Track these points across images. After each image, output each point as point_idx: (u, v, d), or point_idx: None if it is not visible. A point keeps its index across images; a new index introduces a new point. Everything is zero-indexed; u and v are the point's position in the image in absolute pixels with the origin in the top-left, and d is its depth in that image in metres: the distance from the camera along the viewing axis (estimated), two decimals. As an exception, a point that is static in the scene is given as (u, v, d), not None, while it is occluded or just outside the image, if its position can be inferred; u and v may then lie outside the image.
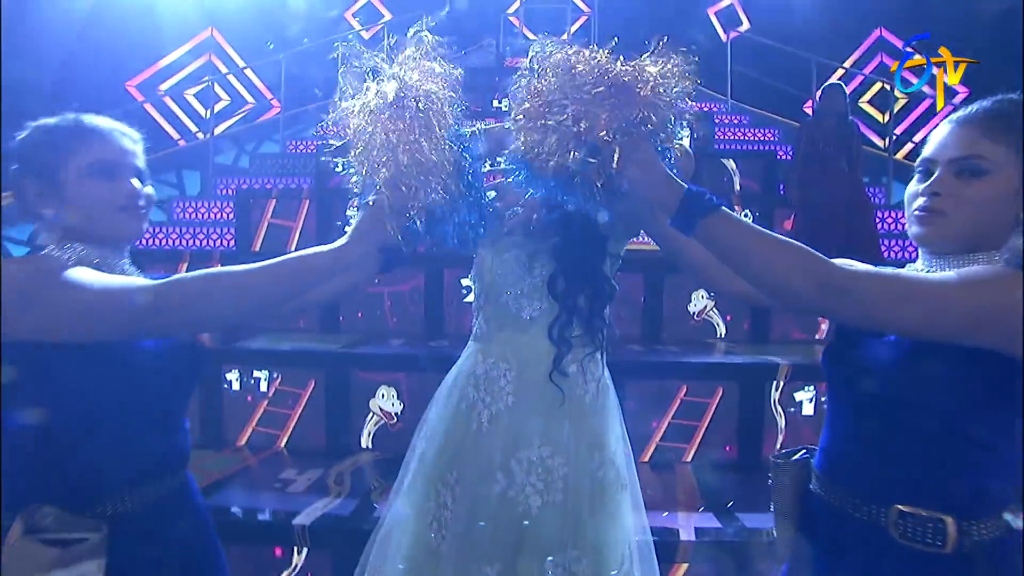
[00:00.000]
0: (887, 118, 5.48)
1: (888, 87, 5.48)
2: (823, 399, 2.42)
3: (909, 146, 5.60)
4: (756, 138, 5.41)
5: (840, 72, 6.07)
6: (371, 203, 0.90)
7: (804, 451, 1.00)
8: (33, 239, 1.00)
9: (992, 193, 0.80)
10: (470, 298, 3.10)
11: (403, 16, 7.11)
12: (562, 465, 1.11)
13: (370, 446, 2.51)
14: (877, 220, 3.86)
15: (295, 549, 1.86)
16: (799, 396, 2.45)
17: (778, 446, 2.45)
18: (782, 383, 2.44)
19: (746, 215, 3.70)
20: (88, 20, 6.29)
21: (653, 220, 1.02)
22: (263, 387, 2.56)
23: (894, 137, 5.17)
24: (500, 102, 5.65)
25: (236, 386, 2.56)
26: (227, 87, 6.84)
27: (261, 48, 6.35)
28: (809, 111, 5.55)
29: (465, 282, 3.11)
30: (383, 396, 2.51)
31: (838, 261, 0.82)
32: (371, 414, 2.53)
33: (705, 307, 3.08)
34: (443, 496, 1.15)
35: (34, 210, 0.90)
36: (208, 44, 6.98)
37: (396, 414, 2.51)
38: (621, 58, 0.88)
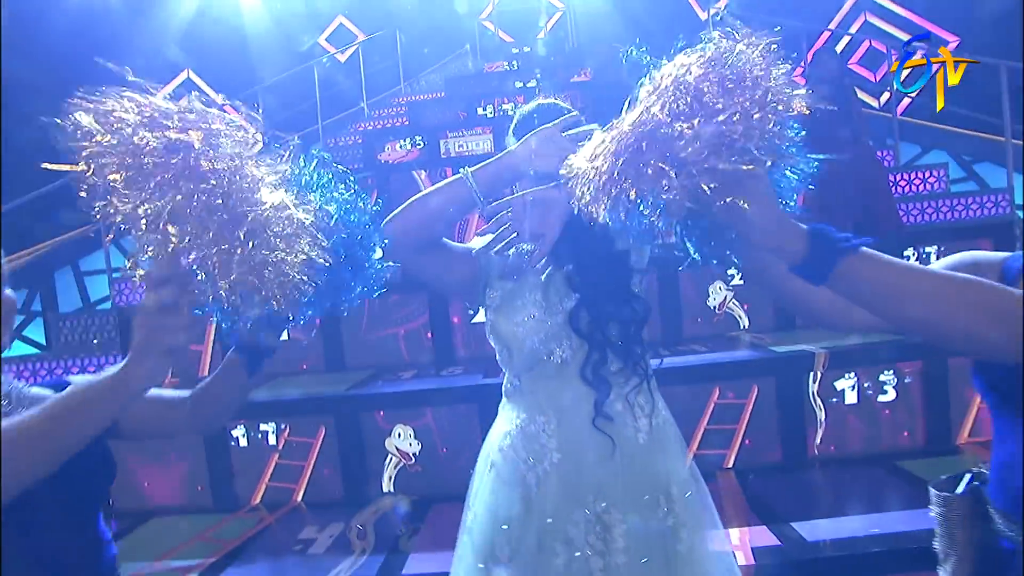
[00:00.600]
0: (880, 76, 5.33)
1: (876, 45, 5.34)
2: (866, 385, 2.29)
3: (906, 101, 5.44)
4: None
5: (826, 35, 5.94)
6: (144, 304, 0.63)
7: (969, 476, 0.82)
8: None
9: None
10: (479, 318, 2.99)
11: (375, 33, 7.03)
12: (620, 522, 0.99)
13: (391, 490, 2.39)
14: (891, 185, 3.72)
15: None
16: (840, 385, 2.31)
17: (818, 440, 2.31)
18: (820, 373, 2.30)
19: (754, 196, 3.56)
20: (65, 80, 6.24)
21: (763, 265, 0.82)
22: (272, 440, 2.45)
23: (890, 95, 5.01)
24: (484, 109, 5.57)
25: (244, 442, 2.45)
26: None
27: (241, 85, 6.26)
28: (801, 81, 5.40)
29: (471, 302, 2.99)
30: (399, 436, 2.38)
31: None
32: (388, 456, 2.40)
33: (725, 299, 2.94)
34: None
35: None
36: (187, 86, 6.91)
37: (415, 454, 2.38)
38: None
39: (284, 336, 0.99)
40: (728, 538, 1.76)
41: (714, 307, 2.94)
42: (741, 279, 2.91)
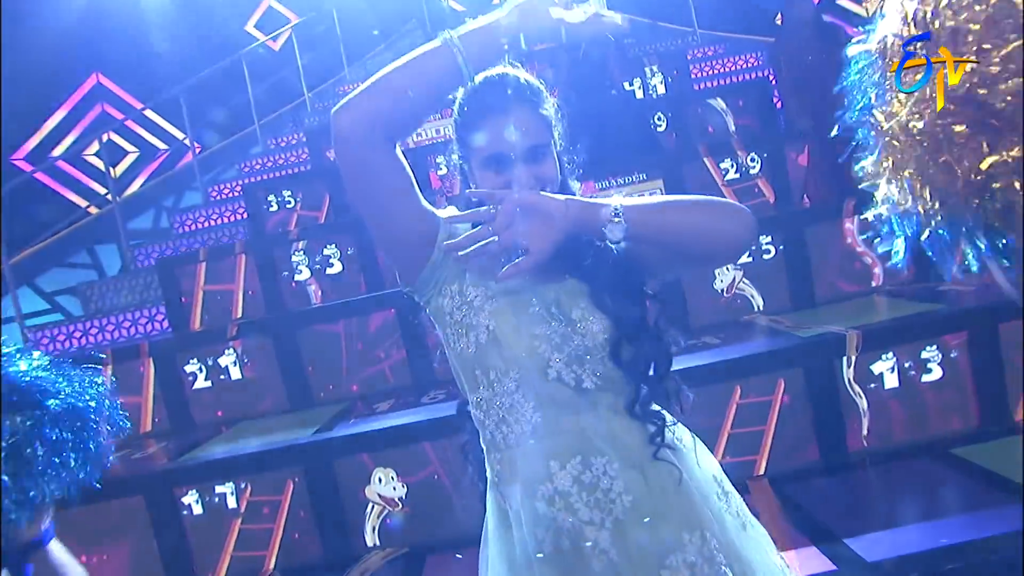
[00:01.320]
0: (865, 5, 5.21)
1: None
2: (907, 365, 2.15)
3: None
4: (739, 67, 5.09)
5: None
6: None
7: None
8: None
9: None
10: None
11: (309, 15, 6.71)
12: (719, 549, 0.90)
13: (377, 543, 2.20)
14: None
15: None
16: (878, 368, 2.16)
17: (865, 432, 2.17)
18: (854, 356, 2.15)
19: (752, 160, 3.41)
20: None
21: None
22: (231, 503, 2.24)
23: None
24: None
25: (198, 509, 2.23)
26: (131, 137, 6.42)
27: (159, 85, 5.93)
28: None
29: (447, 314, 2.79)
30: (380, 480, 2.19)
31: None
32: (370, 504, 2.21)
33: (733, 280, 2.78)
34: None
35: None
36: (97, 93, 6.55)
37: (400, 499, 2.19)
38: None
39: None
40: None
41: (722, 290, 2.78)
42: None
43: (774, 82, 4.00)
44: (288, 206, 3.93)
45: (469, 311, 0.93)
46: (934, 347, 2.15)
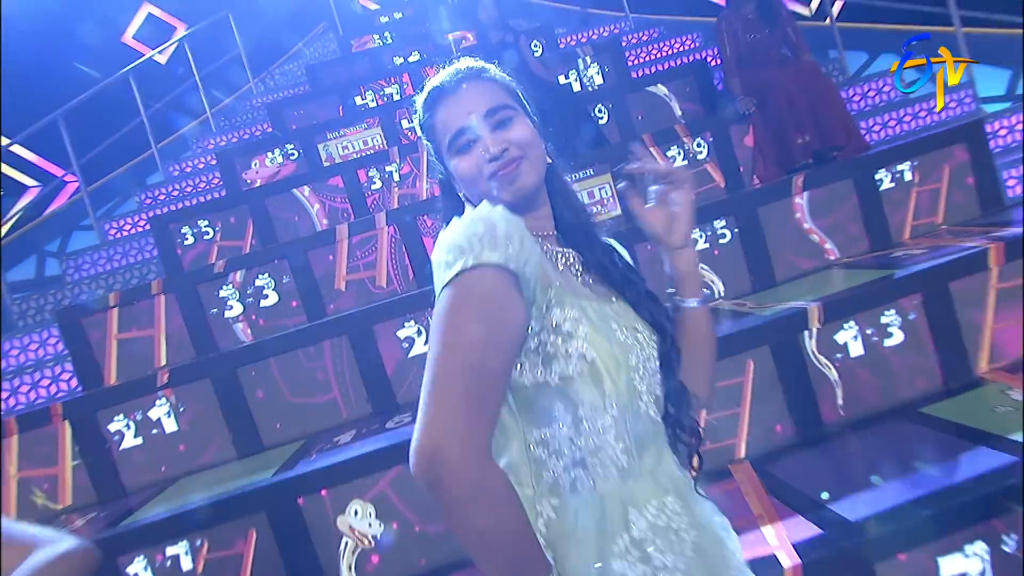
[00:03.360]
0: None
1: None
2: (870, 332, 2.48)
3: (840, 4, 5.88)
4: (676, 50, 5.54)
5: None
6: None
7: None
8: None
9: None
10: (416, 351, 2.97)
11: (198, 25, 6.78)
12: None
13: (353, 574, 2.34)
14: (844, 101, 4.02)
15: None
16: (841, 338, 2.48)
17: (840, 402, 2.48)
18: (816, 328, 2.47)
19: (699, 145, 3.76)
20: None
21: None
22: (186, 565, 2.32)
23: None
24: (364, 97, 5.52)
25: (148, 576, 2.31)
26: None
27: (29, 111, 5.83)
28: (722, 2, 5.75)
29: (403, 334, 2.97)
30: (356, 513, 2.34)
31: None
32: (344, 539, 2.35)
33: (695, 267, 3.08)
34: None
35: None
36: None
37: (375, 536, 2.34)
38: None
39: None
40: (764, 538, 1.87)
41: (686, 279, 3.07)
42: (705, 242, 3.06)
43: (715, 63, 4.40)
44: (206, 237, 4.02)
45: (556, 337, 0.89)
46: (892, 311, 2.49)
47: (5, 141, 5.95)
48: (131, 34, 7.22)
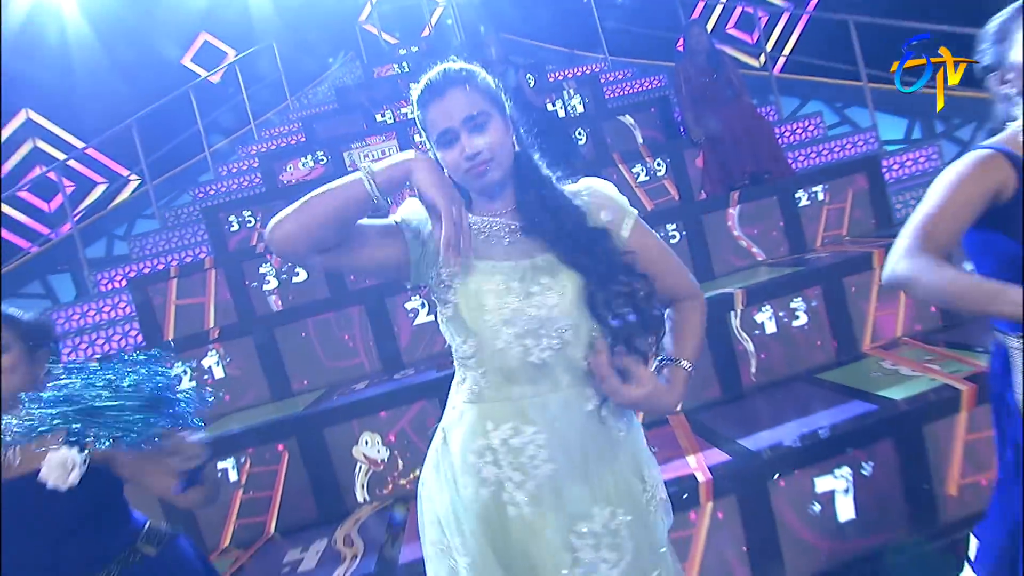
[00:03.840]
0: (756, 38, 6.03)
1: (749, 10, 6.04)
2: (781, 314, 2.72)
3: (782, 60, 6.17)
4: (644, 88, 5.79)
5: (701, 4, 6.62)
6: None
7: None
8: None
9: None
10: (420, 320, 3.19)
11: (246, 50, 6.97)
12: (625, 525, 1.03)
13: (367, 498, 2.54)
14: (777, 136, 4.28)
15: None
16: (759, 318, 2.72)
17: (753, 370, 2.72)
18: (740, 309, 2.70)
19: (659, 165, 4.00)
20: None
21: None
22: (232, 476, 2.52)
23: (766, 57, 5.70)
24: (383, 115, 5.70)
25: (203, 484, 2.50)
26: (66, 172, 6.43)
27: (91, 120, 6.00)
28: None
29: (410, 305, 3.18)
30: (367, 443, 2.54)
31: None
32: (358, 464, 2.55)
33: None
34: None
35: None
36: (28, 129, 6.53)
37: (383, 460, 2.55)
38: None
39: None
40: (687, 464, 2.09)
41: (640, 270, 3.31)
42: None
43: (674, 99, 4.65)
44: (248, 225, 4.21)
45: (442, 289, 1.05)
46: (799, 299, 2.74)
47: (81, 144, 6.14)
48: (188, 57, 7.40)
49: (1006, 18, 1.05)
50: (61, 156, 6.09)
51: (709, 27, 6.76)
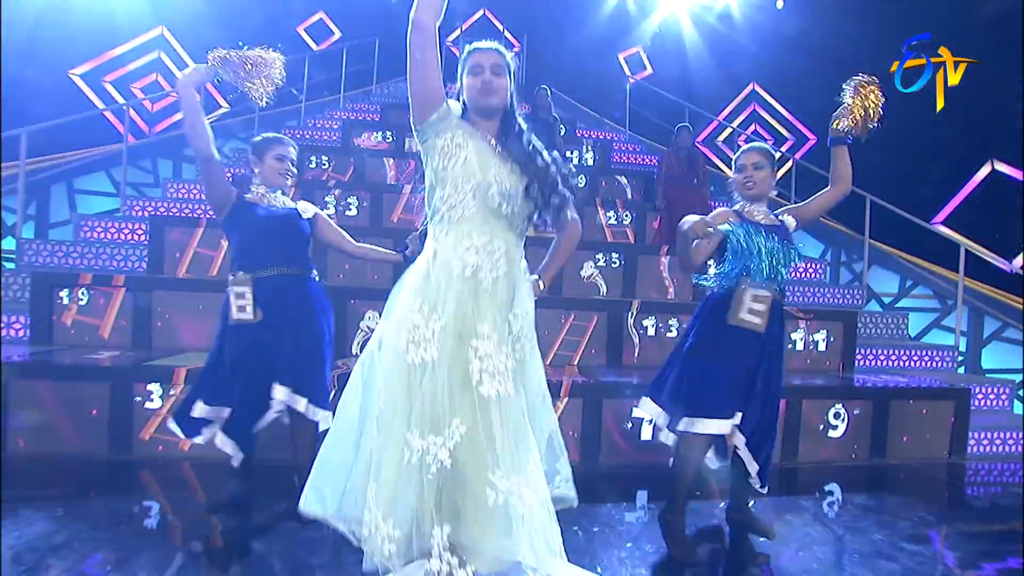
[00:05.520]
0: (735, 154, 7.41)
1: (734, 129, 7.44)
2: (660, 326, 3.97)
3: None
4: (643, 162, 7.18)
5: (715, 123, 8.06)
6: None
7: None
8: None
9: None
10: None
11: (352, 37, 8.39)
12: (526, 327, 1.69)
13: (358, 352, 3.73)
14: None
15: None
16: (646, 323, 3.97)
17: (635, 356, 3.94)
18: (635, 313, 3.95)
19: (626, 215, 5.31)
20: (40, 15, 7.07)
21: None
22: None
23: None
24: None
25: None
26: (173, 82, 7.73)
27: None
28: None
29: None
30: (370, 318, 3.77)
31: None
32: (359, 331, 3.77)
33: (592, 273, 4.57)
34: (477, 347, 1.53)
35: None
36: (158, 42, 7.88)
37: (371, 328, 3.75)
38: None
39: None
40: (564, 376, 3.31)
41: (585, 276, 4.57)
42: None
43: (655, 175, 5.99)
44: (323, 167, 5.52)
45: (455, 148, 1.58)
46: (676, 319, 3.98)
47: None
48: (304, 27, 8.84)
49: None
50: (179, 74, 7.40)
51: (722, 137, 8.21)
